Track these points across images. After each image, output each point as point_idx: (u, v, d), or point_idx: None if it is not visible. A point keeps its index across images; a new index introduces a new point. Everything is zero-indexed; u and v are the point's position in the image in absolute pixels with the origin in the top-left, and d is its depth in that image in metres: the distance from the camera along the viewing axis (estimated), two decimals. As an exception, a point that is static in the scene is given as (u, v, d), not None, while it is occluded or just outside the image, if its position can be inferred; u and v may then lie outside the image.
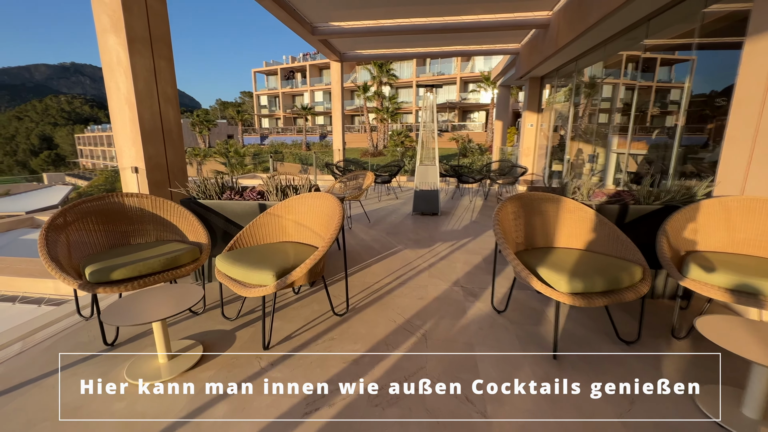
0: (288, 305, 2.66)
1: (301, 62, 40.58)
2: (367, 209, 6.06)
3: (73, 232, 2.37)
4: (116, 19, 2.65)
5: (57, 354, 2.02)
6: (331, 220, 2.44)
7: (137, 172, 2.90)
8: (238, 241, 2.53)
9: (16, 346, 2.13)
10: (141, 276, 2.15)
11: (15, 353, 2.06)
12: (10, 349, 2.09)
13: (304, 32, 6.35)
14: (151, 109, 2.92)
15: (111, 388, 1.72)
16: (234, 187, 3.11)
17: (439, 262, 3.58)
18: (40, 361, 2.01)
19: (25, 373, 1.89)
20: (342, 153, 9.14)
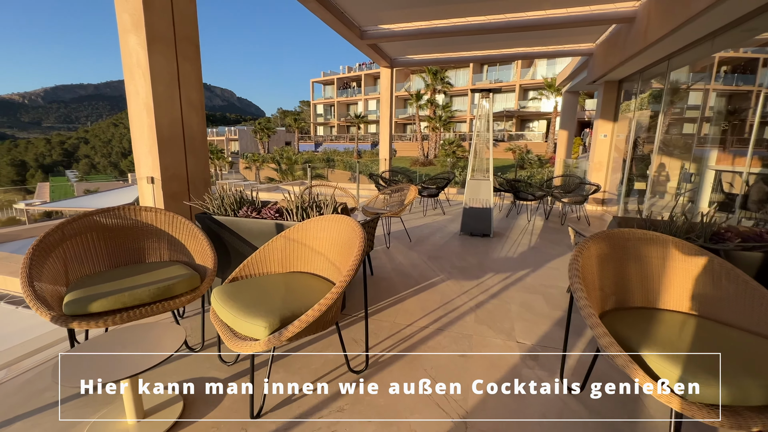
0: (297, 348, 2.21)
1: (356, 72, 41.46)
2: (410, 225, 5.52)
3: (72, 248, 2.14)
4: (137, 18, 2.45)
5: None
6: (349, 250, 1.95)
7: (153, 183, 2.67)
8: (244, 269, 2.14)
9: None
10: (125, 308, 1.82)
11: (-11, 387, 1.83)
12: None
13: (353, 36, 6.05)
14: (171, 115, 2.69)
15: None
16: (254, 202, 2.77)
17: (488, 301, 2.92)
18: (12, 401, 1.74)
19: (-16, 418, 1.63)
20: (388, 163, 8.72)
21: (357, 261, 1.76)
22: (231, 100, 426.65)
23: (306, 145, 41.86)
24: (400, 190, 5.29)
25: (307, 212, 2.54)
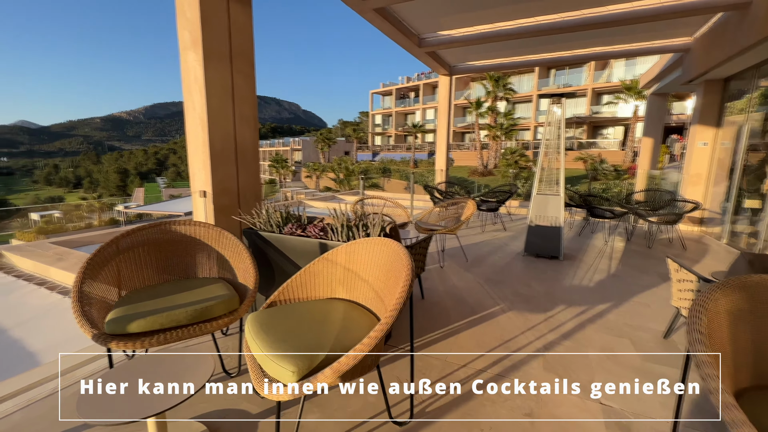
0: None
1: (415, 81, 41.60)
2: (467, 242, 5.12)
3: (125, 263, 2.17)
4: (196, 35, 2.49)
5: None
6: (394, 280, 1.70)
7: (205, 197, 2.68)
8: (284, 292, 1.99)
9: (48, 386, 1.97)
10: (162, 330, 1.76)
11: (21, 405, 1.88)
12: (39, 390, 1.93)
13: (410, 45, 5.88)
14: (224, 129, 2.69)
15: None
16: (299, 218, 2.65)
17: (559, 342, 2.46)
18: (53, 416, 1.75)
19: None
20: (444, 173, 8.36)
21: (403, 296, 1.50)
22: (297, 113, 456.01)
23: (363, 154, 42.82)
24: (456, 204, 4.93)
25: (352, 232, 2.35)
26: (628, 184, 15.46)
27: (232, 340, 2.47)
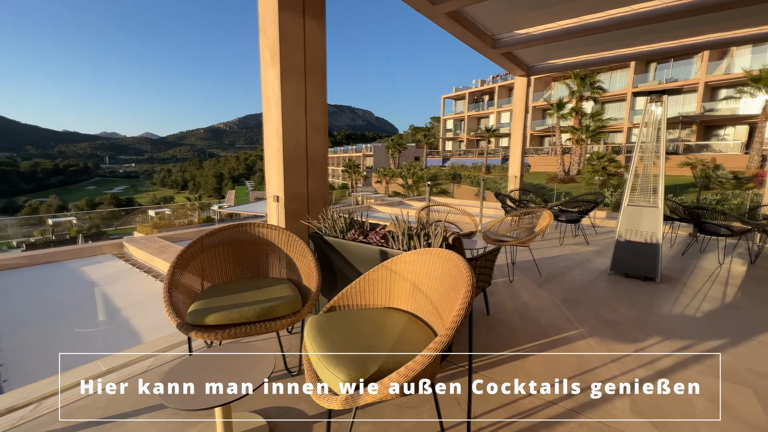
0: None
1: (490, 84, 40.10)
2: (541, 255, 4.71)
3: (208, 260, 2.41)
4: (274, 52, 2.68)
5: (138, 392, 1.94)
6: (453, 295, 1.60)
7: (278, 201, 2.87)
8: (343, 298, 2.01)
9: (145, 363, 2.25)
10: (234, 324, 1.91)
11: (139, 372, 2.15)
12: (137, 366, 2.22)
13: (484, 47, 5.65)
14: (297, 137, 2.85)
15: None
16: (362, 225, 2.68)
17: (652, 381, 2.09)
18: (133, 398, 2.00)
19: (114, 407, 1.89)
20: (519, 181, 7.85)
21: (461, 313, 1.40)
22: (370, 120, 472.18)
23: (433, 160, 42.50)
24: (530, 213, 4.57)
25: (413, 240, 2.29)
26: (753, 194, 12.85)
27: (296, 339, 2.58)
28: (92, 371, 2.15)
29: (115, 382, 2.06)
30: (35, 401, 1.90)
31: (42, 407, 1.85)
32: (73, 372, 2.10)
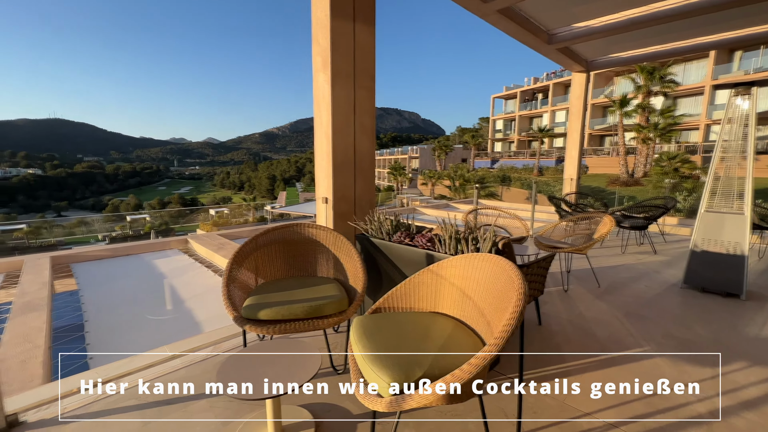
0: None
1: (544, 82, 38.14)
2: (599, 264, 4.37)
3: (262, 258, 2.55)
4: (326, 59, 2.77)
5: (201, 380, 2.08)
6: (503, 303, 1.53)
7: (327, 203, 2.95)
8: (389, 300, 2.02)
9: (204, 352, 2.43)
10: (283, 320, 1.99)
11: (197, 360, 2.33)
12: (198, 354, 2.40)
13: (539, 43, 5.39)
14: (346, 140, 2.92)
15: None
16: (409, 227, 2.67)
17: (737, 413, 1.84)
18: (204, 378, 2.16)
19: (188, 387, 2.05)
20: (575, 183, 7.36)
21: (511, 323, 1.34)
22: (416, 122, 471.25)
23: (481, 161, 41.32)
24: (588, 219, 4.26)
25: (461, 245, 2.24)
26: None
27: (342, 338, 2.64)
28: (160, 356, 2.36)
29: (181, 367, 2.25)
30: (122, 376, 2.12)
31: (125, 383, 2.07)
32: (147, 355, 2.33)
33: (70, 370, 2.79)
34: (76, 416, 1.81)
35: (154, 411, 1.85)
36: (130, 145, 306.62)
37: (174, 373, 2.18)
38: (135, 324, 3.69)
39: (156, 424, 1.76)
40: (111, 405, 1.90)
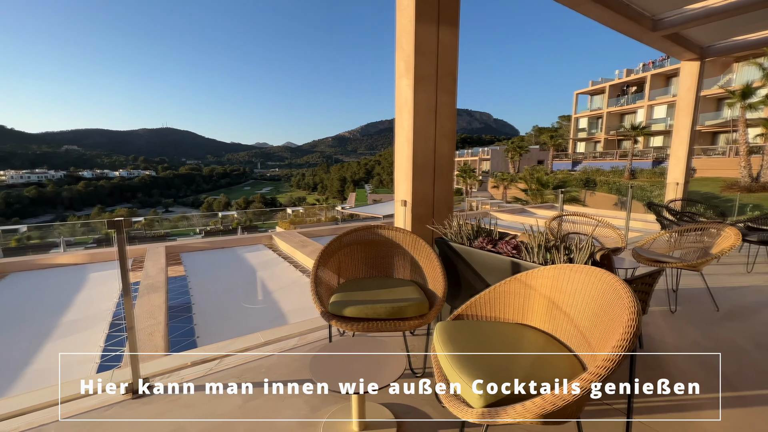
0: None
1: (639, 74, 33.85)
2: (717, 284, 3.74)
3: (344, 257, 2.67)
4: (409, 63, 2.81)
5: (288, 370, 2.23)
6: (607, 323, 1.39)
7: (405, 206, 2.98)
8: (472, 307, 1.97)
9: (291, 341, 2.62)
10: (367, 319, 2.06)
11: (287, 349, 2.52)
12: (286, 343, 2.59)
13: (640, 31, 4.81)
14: (426, 144, 2.92)
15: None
16: (490, 233, 2.57)
17: None
18: (293, 366, 2.32)
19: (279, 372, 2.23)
20: (681, 189, 6.40)
21: (623, 347, 1.20)
22: (488, 122, 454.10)
23: (561, 163, 38.18)
24: (702, 230, 3.67)
25: (551, 254, 2.09)
26: None
27: (419, 341, 2.64)
28: (254, 341, 2.61)
29: (272, 353, 2.45)
30: (225, 355, 2.40)
31: (223, 363, 2.33)
32: (245, 338, 2.59)
33: (183, 345, 3.25)
34: (192, 387, 2.08)
35: (253, 391, 2.05)
36: (223, 149, 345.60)
37: (267, 358, 2.39)
38: (231, 309, 4.15)
39: (254, 403, 1.95)
40: (218, 380, 2.15)
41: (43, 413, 1.87)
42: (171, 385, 2.10)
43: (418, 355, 2.42)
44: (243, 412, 1.88)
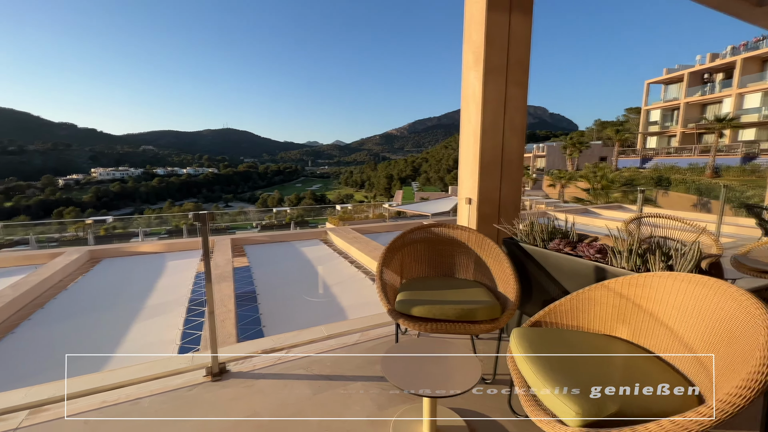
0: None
1: (727, 58, 29.88)
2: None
3: (407, 255, 2.63)
4: (478, 54, 2.68)
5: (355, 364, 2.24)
6: (732, 344, 1.20)
7: (470, 204, 2.87)
8: (551, 314, 1.83)
9: (354, 336, 2.65)
10: (435, 319, 2.00)
11: (350, 343, 2.54)
12: (349, 338, 2.62)
13: (745, 8, 4.19)
14: (494, 140, 2.78)
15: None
16: (567, 234, 2.38)
17: None
18: (357, 362, 2.34)
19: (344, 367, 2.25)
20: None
21: (757, 377, 1.02)
22: (543, 117, 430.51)
23: (628, 160, 35.01)
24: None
25: (644, 260, 1.87)
26: None
27: (486, 345, 2.53)
28: (318, 334, 2.67)
29: (337, 347, 2.49)
30: (292, 346, 2.49)
31: (291, 353, 2.41)
32: (310, 331, 2.67)
33: (251, 333, 3.44)
34: (263, 374, 2.18)
35: (320, 384, 2.08)
36: (277, 148, 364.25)
37: (332, 352, 2.43)
38: (293, 300, 4.33)
39: (322, 396, 1.98)
40: (287, 370, 2.22)
41: (139, 387, 2.05)
42: (245, 370, 2.21)
43: (485, 360, 2.32)
44: (312, 404, 1.92)
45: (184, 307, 4.07)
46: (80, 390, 2.01)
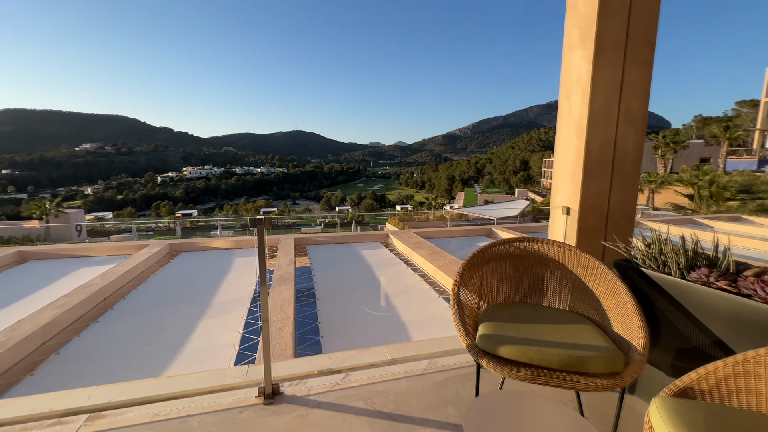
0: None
1: None
2: None
3: (488, 273, 2.20)
4: (586, 29, 2.14)
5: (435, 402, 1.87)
6: None
7: (568, 214, 2.34)
8: (707, 380, 1.29)
9: (421, 364, 2.28)
10: (531, 366, 1.55)
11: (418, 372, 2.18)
12: (415, 365, 2.26)
13: None
14: (605, 134, 2.21)
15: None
16: (715, 261, 1.75)
17: None
18: (426, 399, 1.97)
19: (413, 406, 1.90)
20: None
21: None
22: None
23: (739, 161, 29.64)
24: None
25: None
26: None
27: (591, 399, 2.00)
28: (380, 356, 2.36)
29: (402, 376, 2.15)
30: (350, 369, 2.21)
31: (349, 379, 2.13)
32: (370, 352, 2.36)
33: (308, 345, 3.27)
34: (318, 402, 1.92)
35: (382, 425, 1.76)
36: (341, 148, 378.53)
37: (396, 382, 2.09)
38: (352, 310, 4.12)
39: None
40: (345, 400, 1.94)
41: (191, 401, 1.92)
42: (300, 395, 1.98)
43: (595, 423, 1.80)
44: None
45: (246, 308, 4.07)
46: (138, 397, 1.95)
